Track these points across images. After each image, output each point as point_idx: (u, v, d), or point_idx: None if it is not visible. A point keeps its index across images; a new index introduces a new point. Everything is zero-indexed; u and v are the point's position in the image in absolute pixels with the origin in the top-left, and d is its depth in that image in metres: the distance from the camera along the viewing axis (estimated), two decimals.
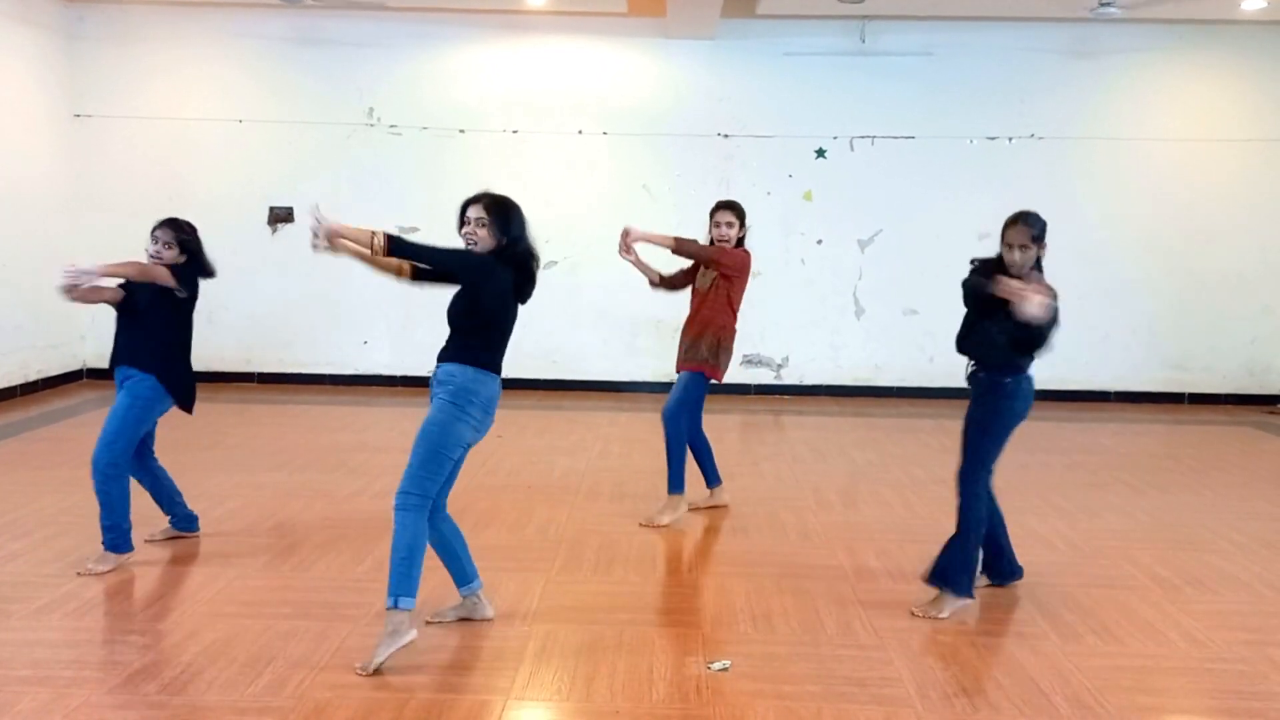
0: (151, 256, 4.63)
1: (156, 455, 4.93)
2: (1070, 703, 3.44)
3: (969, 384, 4.28)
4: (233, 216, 9.52)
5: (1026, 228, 4.05)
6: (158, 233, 4.66)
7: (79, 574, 4.46)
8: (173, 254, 4.66)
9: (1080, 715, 3.36)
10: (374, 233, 3.54)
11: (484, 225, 3.70)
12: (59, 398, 8.83)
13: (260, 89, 9.45)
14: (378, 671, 3.53)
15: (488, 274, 3.68)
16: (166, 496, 4.94)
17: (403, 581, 3.59)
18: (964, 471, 4.21)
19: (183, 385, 4.74)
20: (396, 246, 3.57)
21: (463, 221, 3.77)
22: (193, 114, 9.42)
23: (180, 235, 4.68)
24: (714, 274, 5.37)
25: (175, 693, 3.39)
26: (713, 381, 5.42)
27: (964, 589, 4.19)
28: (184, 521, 5.01)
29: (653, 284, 5.60)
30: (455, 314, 3.77)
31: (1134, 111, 9.34)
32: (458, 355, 3.72)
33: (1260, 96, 9.30)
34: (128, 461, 4.65)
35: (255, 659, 3.64)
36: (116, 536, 4.57)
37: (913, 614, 4.18)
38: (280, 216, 9.54)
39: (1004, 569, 4.50)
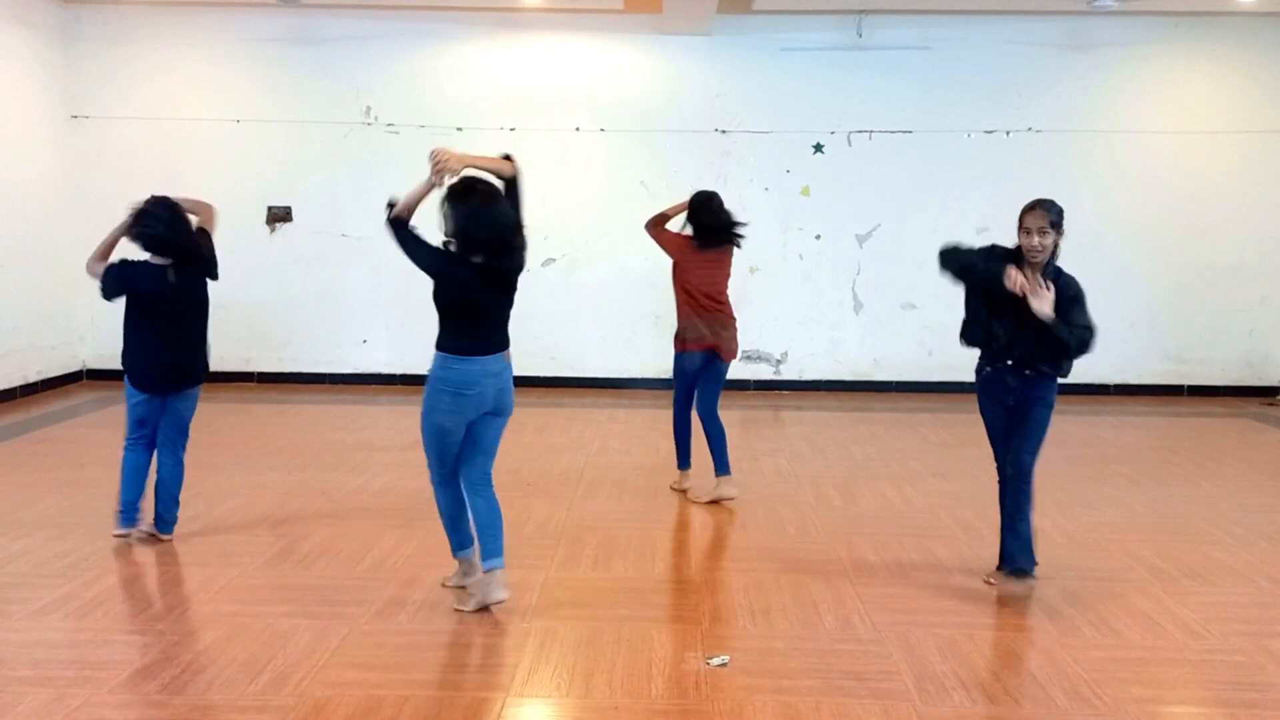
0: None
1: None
2: (1068, 695, 3.46)
3: (999, 377, 4.31)
4: (230, 216, 9.38)
5: (1045, 212, 4.11)
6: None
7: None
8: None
9: (1078, 707, 3.38)
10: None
11: None
12: (59, 399, 8.83)
13: (257, 89, 9.44)
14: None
15: (426, 260, 4.08)
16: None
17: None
18: (1032, 463, 4.34)
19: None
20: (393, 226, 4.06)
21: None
22: (190, 114, 9.42)
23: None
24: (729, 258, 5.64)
25: (176, 692, 3.40)
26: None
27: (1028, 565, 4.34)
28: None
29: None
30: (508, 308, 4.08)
31: (1131, 104, 9.34)
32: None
33: (1256, 88, 9.29)
34: None
35: (255, 657, 3.66)
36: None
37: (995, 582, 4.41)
38: (278, 216, 9.53)
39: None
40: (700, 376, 5.64)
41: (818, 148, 9.44)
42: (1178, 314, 9.54)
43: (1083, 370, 10.39)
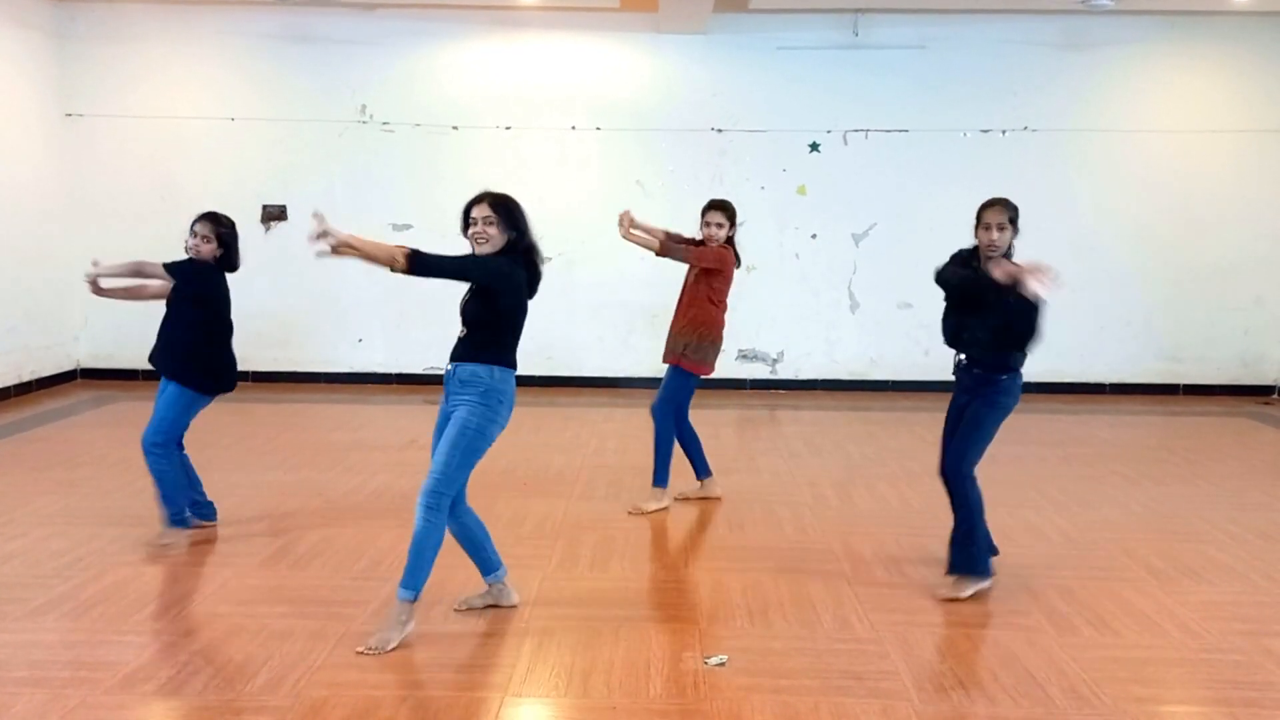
0: (188, 250, 4.79)
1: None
2: (1066, 694, 3.45)
3: (958, 376, 4.36)
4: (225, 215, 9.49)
5: (1004, 208, 4.23)
6: (197, 226, 4.80)
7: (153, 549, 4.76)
8: (210, 248, 4.81)
9: (1076, 706, 3.37)
10: (396, 251, 3.54)
11: (492, 224, 3.79)
12: (53, 398, 8.80)
13: (252, 87, 9.42)
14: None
15: (508, 278, 3.79)
16: (193, 485, 5.08)
17: (417, 574, 3.74)
18: (959, 464, 4.27)
19: (209, 379, 4.85)
20: (420, 266, 3.58)
21: (468, 223, 3.83)
22: (184, 113, 9.39)
23: (219, 229, 4.83)
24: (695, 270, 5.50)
25: (172, 693, 3.39)
26: (700, 376, 5.49)
27: (984, 570, 4.31)
28: (205, 509, 5.12)
29: (657, 252, 5.50)
30: (473, 315, 3.84)
31: (1127, 103, 9.35)
32: (480, 355, 3.80)
33: (1252, 87, 9.30)
34: (172, 443, 4.84)
35: (251, 658, 3.64)
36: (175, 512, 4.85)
37: (936, 597, 4.27)
38: (273, 215, 9.51)
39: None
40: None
41: (814, 147, 9.44)
42: (1174, 313, 9.55)
43: (1078, 369, 10.41)
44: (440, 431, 3.88)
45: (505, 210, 3.81)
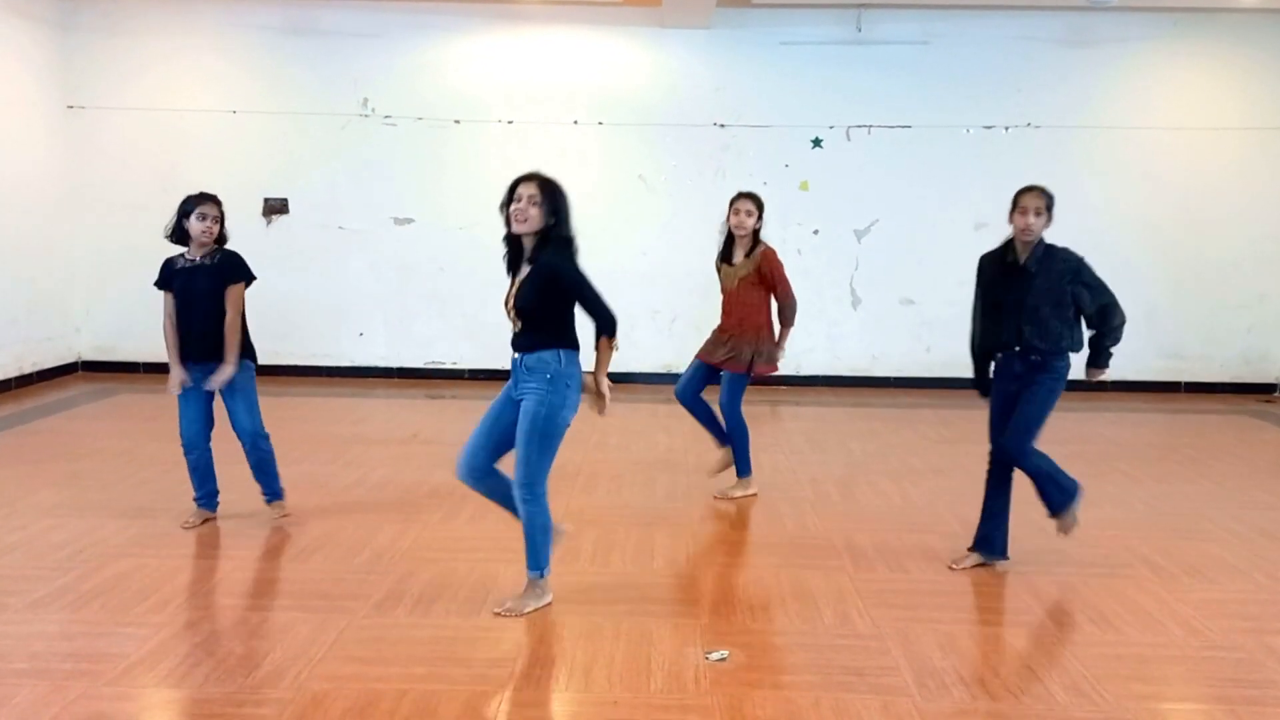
0: (202, 234, 4.87)
1: (158, 442, 4.98)
2: (1068, 691, 3.45)
3: (1007, 366, 4.60)
4: (227, 208, 9.44)
5: (1041, 194, 4.47)
6: (204, 209, 4.86)
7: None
8: (218, 228, 4.92)
9: (1078, 703, 3.37)
10: (611, 346, 3.97)
11: (536, 204, 3.87)
12: (54, 390, 8.80)
13: (254, 80, 9.41)
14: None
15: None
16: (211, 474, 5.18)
17: (537, 555, 4.00)
18: (1023, 446, 4.55)
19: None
20: (615, 326, 4.04)
21: (512, 199, 3.88)
22: (186, 105, 9.38)
23: (220, 207, 4.95)
24: (740, 274, 5.64)
25: (173, 685, 3.39)
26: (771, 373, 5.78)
27: (1074, 493, 4.59)
28: (211, 501, 5.17)
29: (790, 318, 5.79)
30: (537, 309, 3.96)
31: (1131, 100, 9.33)
32: (547, 341, 3.98)
33: (1257, 85, 9.29)
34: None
35: (253, 651, 3.64)
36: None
37: (1061, 532, 4.59)
38: (275, 208, 9.50)
39: (999, 546, 4.63)
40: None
41: (816, 142, 9.42)
42: (1176, 310, 9.54)
43: (1081, 366, 10.39)
44: (494, 410, 4.02)
45: (551, 194, 3.89)
